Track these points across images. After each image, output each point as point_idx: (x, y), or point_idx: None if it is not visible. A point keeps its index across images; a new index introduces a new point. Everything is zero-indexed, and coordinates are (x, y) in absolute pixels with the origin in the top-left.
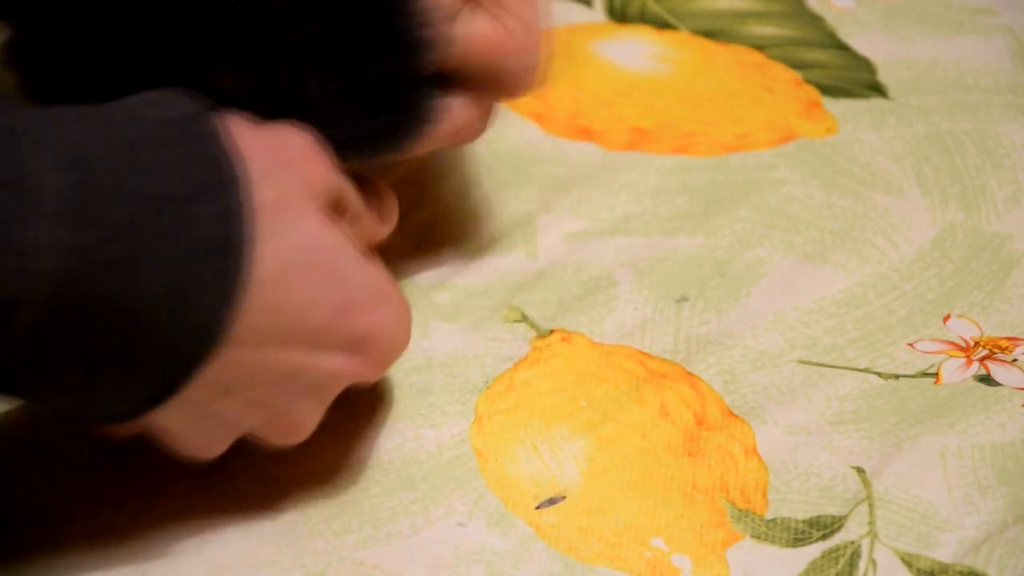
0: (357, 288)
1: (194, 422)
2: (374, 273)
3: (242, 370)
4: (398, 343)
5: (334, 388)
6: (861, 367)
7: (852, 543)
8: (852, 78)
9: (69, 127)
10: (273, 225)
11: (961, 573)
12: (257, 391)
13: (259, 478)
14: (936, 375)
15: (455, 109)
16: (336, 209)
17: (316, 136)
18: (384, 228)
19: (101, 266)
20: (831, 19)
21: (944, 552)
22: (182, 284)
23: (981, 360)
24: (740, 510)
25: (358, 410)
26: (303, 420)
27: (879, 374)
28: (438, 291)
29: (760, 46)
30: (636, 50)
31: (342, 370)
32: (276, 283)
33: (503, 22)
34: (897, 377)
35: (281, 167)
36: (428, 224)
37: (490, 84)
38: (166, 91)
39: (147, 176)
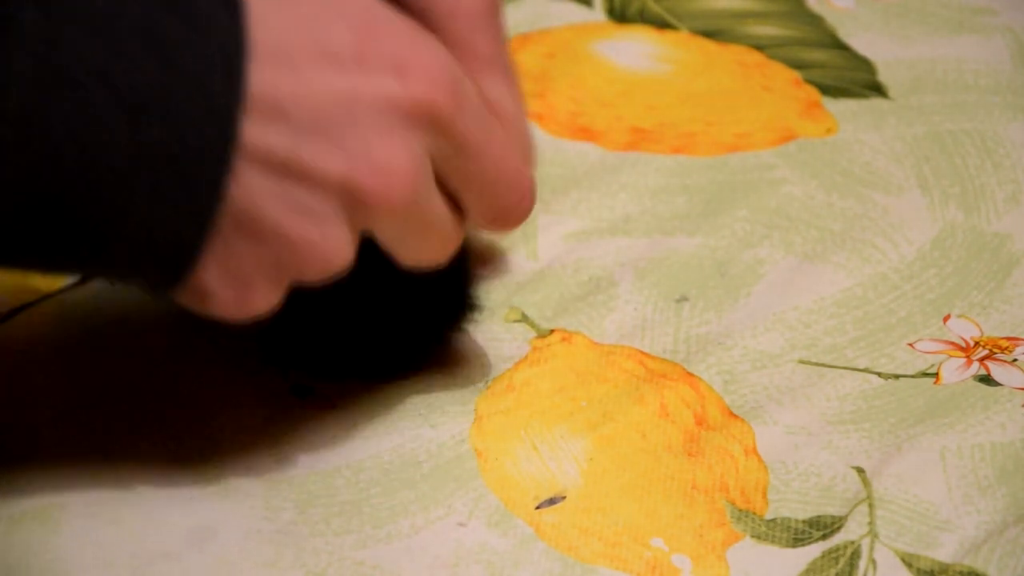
0: (386, 18)
1: (283, 188)
2: (410, 24)
3: (290, 89)
4: (449, 70)
5: (397, 114)
6: (861, 367)
7: (852, 543)
8: (852, 78)
9: None
10: None
11: (961, 573)
12: (319, 111)
13: (259, 478)
14: (936, 375)
15: None
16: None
17: None
18: None
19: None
20: (831, 19)
21: (944, 552)
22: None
23: (981, 360)
24: (740, 510)
25: (358, 410)
26: (388, 162)
27: (879, 374)
28: None
29: (760, 46)
30: (636, 50)
31: (395, 92)
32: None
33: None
34: (897, 377)
35: None
36: None
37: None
38: None
39: None
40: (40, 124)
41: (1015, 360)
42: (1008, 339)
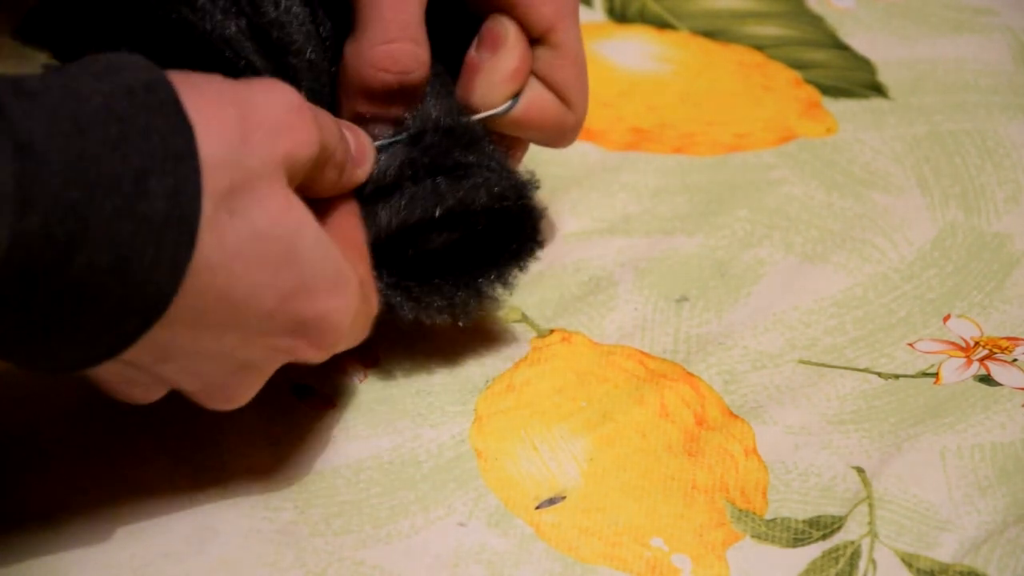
0: (311, 274)
1: (132, 376)
2: (334, 258)
3: (180, 344)
4: (346, 332)
5: (272, 366)
6: (861, 367)
7: (852, 543)
8: (852, 78)
9: (19, 111)
10: (227, 207)
11: (961, 573)
12: (194, 362)
13: (259, 478)
14: (936, 375)
15: None
16: (315, 167)
17: (296, 95)
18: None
19: (49, 246)
20: (831, 19)
21: (944, 552)
22: (127, 260)
23: (981, 360)
24: (740, 510)
25: (358, 410)
26: (239, 392)
27: (879, 374)
28: None
29: (760, 46)
30: (636, 50)
31: (283, 351)
32: (222, 268)
33: (561, 95)
34: (897, 377)
35: (246, 138)
36: None
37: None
38: (126, 55)
39: (96, 157)
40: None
41: (1015, 360)
42: (1008, 339)
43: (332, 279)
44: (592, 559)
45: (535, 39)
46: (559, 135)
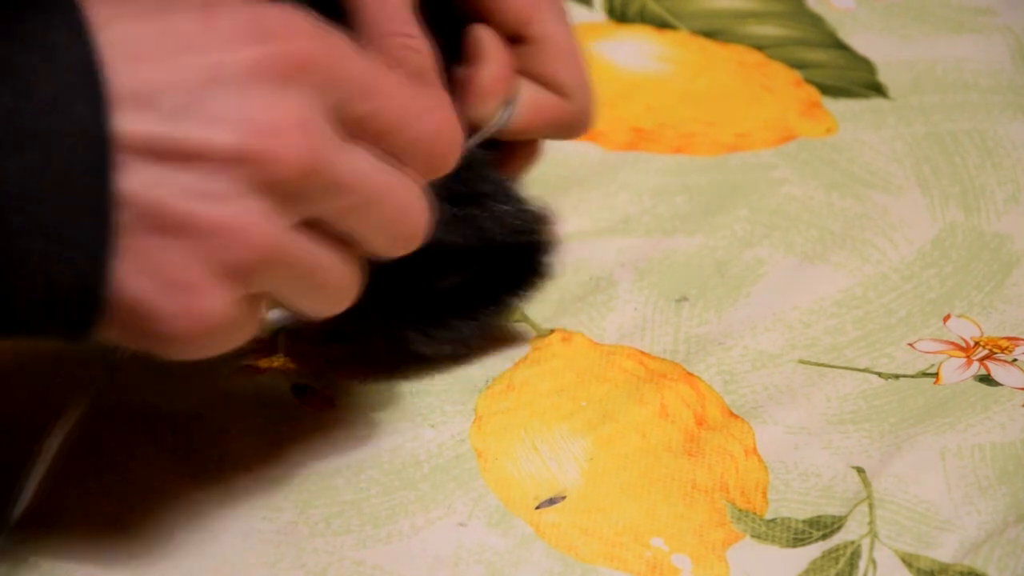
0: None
1: (163, 246)
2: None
3: (151, 84)
4: (308, 24)
5: (269, 75)
6: (861, 367)
7: (852, 543)
8: (852, 78)
9: None
10: None
11: (961, 573)
12: (184, 99)
13: (259, 478)
14: (936, 375)
15: None
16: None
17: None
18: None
19: None
20: (831, 19)
21: (944, 552)
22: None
23: (981, 360)
24: (740, 510)
25: (358, 410)
26: (272, 120)
27: (879, 374)
28: None
29: (760, 46)
30: (636, 50)
31: (260, 55)
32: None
33: (558, 88)
34: (897, 377)
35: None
36: None
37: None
38: None
39: None
40: None
41: (1015, 360)
42: (1008, 339)
43: (257, 4)
44: (592, 559)
45: (514, 38)
46: (565, 128)
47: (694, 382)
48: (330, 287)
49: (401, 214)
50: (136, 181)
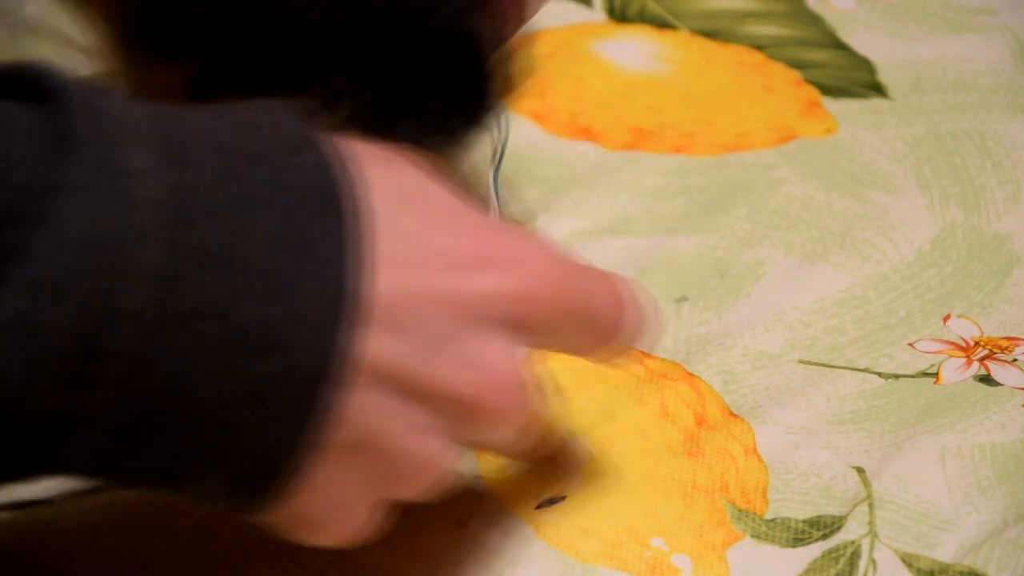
0: (490, 233)
1: (353, 468)
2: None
3: (405, 306)
4: (553, 257)
5: (504, 314)
6: (861, 367)
7: (852, 543)
8: (852, 78)
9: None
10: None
11: (961, 573)
12: (432, 328)
13: None
14: (936, 375)
15: None
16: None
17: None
18: None
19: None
20: (831, 19)
21: (944, 552)
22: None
23: (981, 360)
24: (740, 510)
25: None
26: (504, 374)
27: (879, 374)
28: None
29: (760, 46)
30: (636, 50)
31: (499, 288)
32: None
33: None
34: (897, 377)
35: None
36: None
37: None
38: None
39: (240, 173)
40: (149, 362)
41: (1015, 360)
42: (1008, 339)
43: (509, 228)
44: (592, 559)
45: None
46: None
47: (694, 382)
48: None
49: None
50: (363, 403)
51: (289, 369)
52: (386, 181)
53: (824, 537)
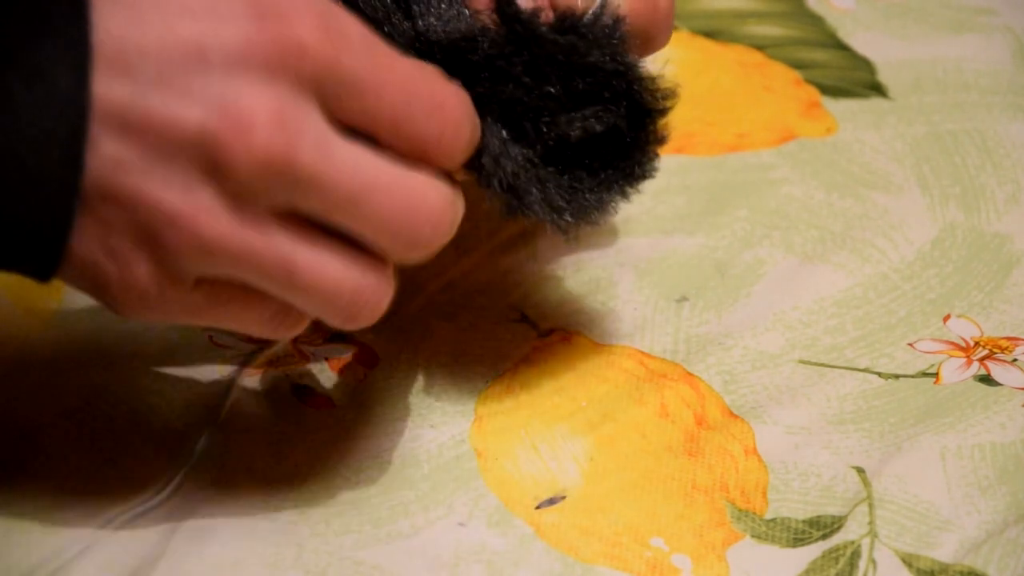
0: None
1: (114, 216)
2: None
3: (132, 46)
4: (315, 6)
5: (257, 60)
6: (861, 367)
7: (852, 543)
8: (852, 78)
9: None
10: None
11: (961, 573)
12: (162, 69)
13: (259, 478)
14: (936, 375)
15: None
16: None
17: None
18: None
19: None
20: (831, 19)
21: (944, 552)
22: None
23: (981, 360)
24: (740, 510)
25: (358, 410)
26: (246, 110)
27: (879, 374)
28: (438, 291)
29: (760, 46)
30: None
31: (252, 37)
32: None
33: None
34: (897, 377)
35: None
36: None
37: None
38: None
39: None
40: None
41: (1015, 360)
42: (1008, 339)
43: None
44: (592, 559)
45: None
46: (654, 26)
47: (694, 382)
48: (321, 290)
49: (404, 213)
50: (103, 151)
51: (28, 125)
52: None
53: (824, 537)
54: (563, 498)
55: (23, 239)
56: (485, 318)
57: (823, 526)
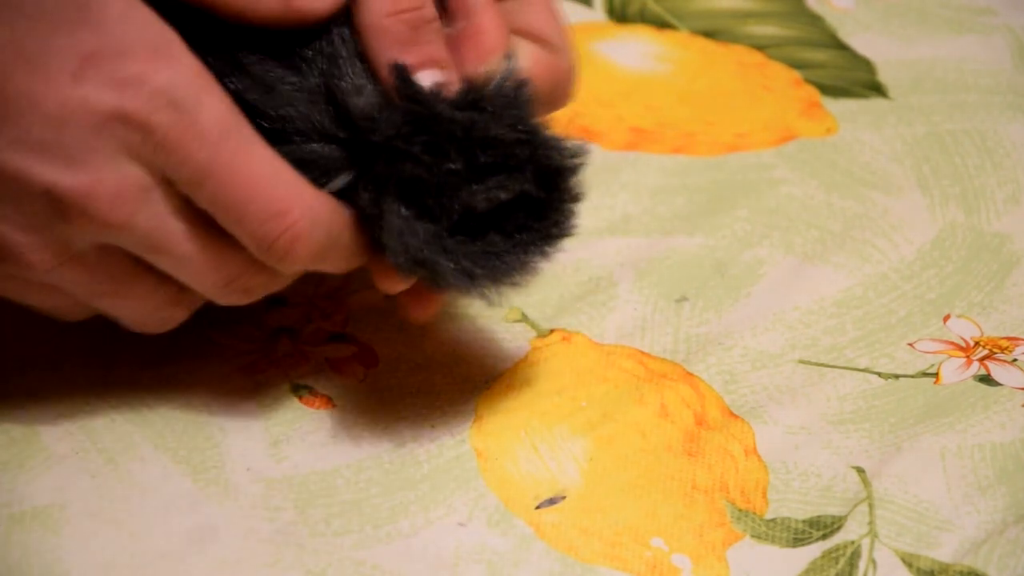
0: (120, 38)
1: None
2: (155, 27)
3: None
4: (176, 89)
5: (112, 130)
6: (861, 367)
7: (852, 543)
8: (852, 78)
9: None
10: None
11: (961, 573)
12: (32, 126)
13: (259, 478)
14: (936, 375)
15: None
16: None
17: None
18: None
19: None
20: (831, 19)
21: (944, 552)
22: None
23: (981, 360)
24: (740, 510)
25: (357, 410)
26: (94, 178)
27: (879, 374)
28: None
29: (760, 46)
30: (636, 50)
31: (111, 107)
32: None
33: (545, 42)
34: (897, 377)
35: None
36: None
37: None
38: None
39: None
40: None
41: (1015, 360)
42: (1008, 339)
43: (155, 45)
44: (592, 559)
45: None
46: (558, 87)
47: (694, 382)
48: (130, 303)
49: (219, 279)
50: None
51: None
52: None
53: (824, 537)
54: (563, 498)
55: None
56: (485, 318)
57: (823, 526)
